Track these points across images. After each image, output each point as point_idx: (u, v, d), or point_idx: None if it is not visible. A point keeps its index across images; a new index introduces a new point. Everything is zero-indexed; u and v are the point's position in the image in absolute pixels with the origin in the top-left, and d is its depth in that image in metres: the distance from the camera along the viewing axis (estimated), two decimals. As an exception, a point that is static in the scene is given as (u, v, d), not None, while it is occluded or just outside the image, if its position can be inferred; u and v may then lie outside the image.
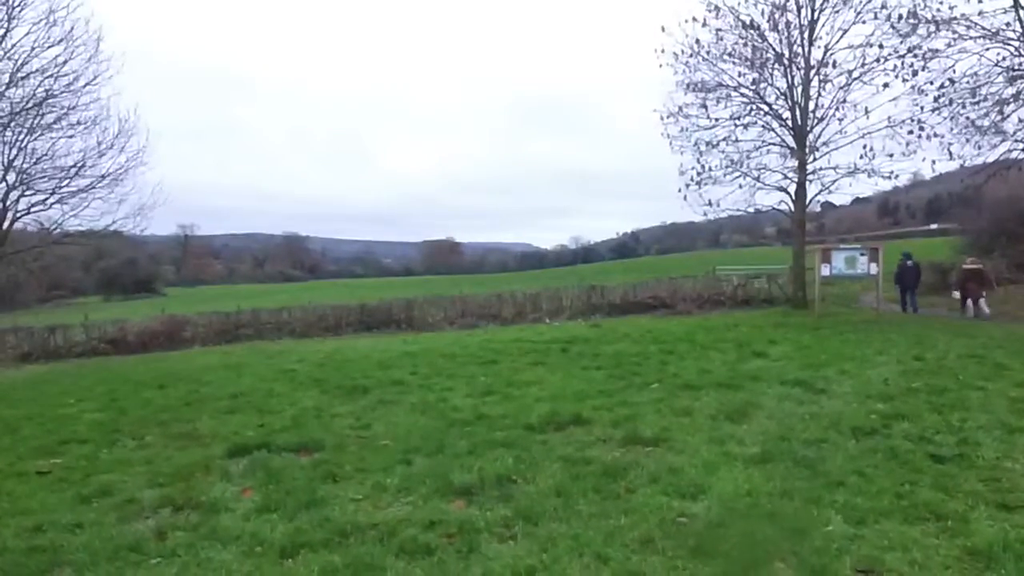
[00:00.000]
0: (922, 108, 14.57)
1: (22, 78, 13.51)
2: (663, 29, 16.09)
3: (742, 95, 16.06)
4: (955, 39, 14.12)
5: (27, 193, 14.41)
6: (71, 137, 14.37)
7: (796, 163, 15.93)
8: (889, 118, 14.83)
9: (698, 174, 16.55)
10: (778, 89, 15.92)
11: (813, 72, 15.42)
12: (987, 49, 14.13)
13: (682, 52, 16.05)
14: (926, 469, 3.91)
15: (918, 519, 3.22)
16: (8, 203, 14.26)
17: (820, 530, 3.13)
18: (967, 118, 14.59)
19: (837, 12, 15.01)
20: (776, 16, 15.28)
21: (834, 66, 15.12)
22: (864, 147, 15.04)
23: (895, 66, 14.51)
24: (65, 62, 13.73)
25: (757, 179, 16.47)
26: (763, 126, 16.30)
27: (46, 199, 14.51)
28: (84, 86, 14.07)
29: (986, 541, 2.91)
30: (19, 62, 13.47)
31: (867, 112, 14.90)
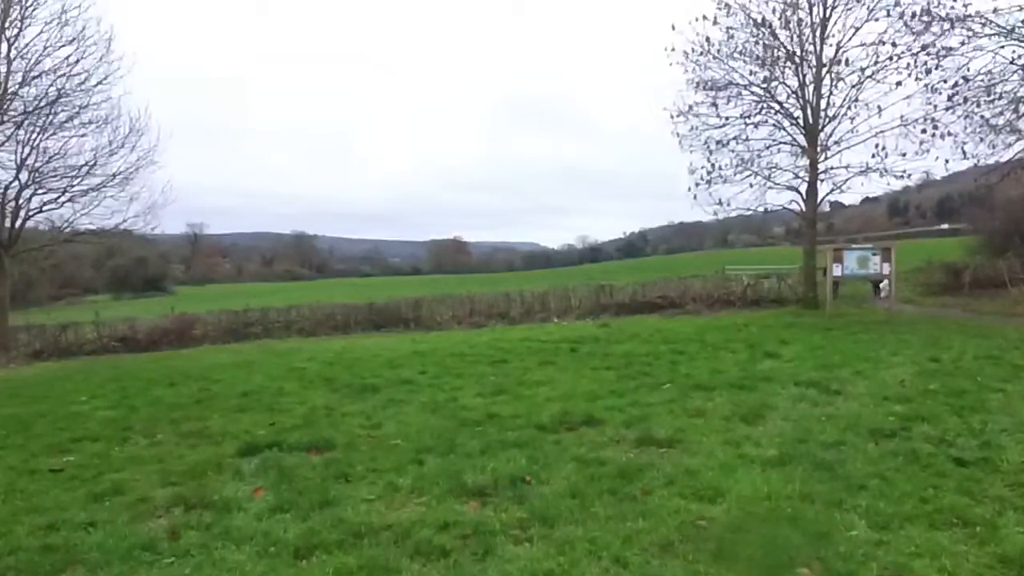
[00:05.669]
0: (936, 107, 14.41)
1: (35, 77, 13.65)
2: (673, 27, 16.01)
3: (753, 93, 15.95)
4: (969, 37, 13.96)
5: (39, 191, 14.59)
6: (83, 136, 14.54)
7: (807, 162, 15.79)
8: (902, 117, 14.67)
9: (708, 173, 16.47)
10: (789, 87, 15.80)
11: (825, 70, 15.27)
12: (1002, 47, 13.96)
13: (692, 50, 15.96)
14: (949, 473, 3.83)
15: (945, 525, 3.15)
16: (20, 201, 14.39)
17: (844, 535, 3.07)
18: (981, 117, 14.41)
19: (849, 10, 14.87)
20: (787, 14, 15.16)
21: (846, 64, 14.97)
22: (876, 146, 14.90)
23: (908, 64, 14.37)
24: (77, 61, 13.89)
25: (768, 178, 16.36)
26: (774, 125, 16.18)
27: (58, 197, 14.68)
28: (95, 85, 14.22)
29: (1017, 548, 2.83)
30: (32, 61, 13.60)
31: (880, 111, 14.75)
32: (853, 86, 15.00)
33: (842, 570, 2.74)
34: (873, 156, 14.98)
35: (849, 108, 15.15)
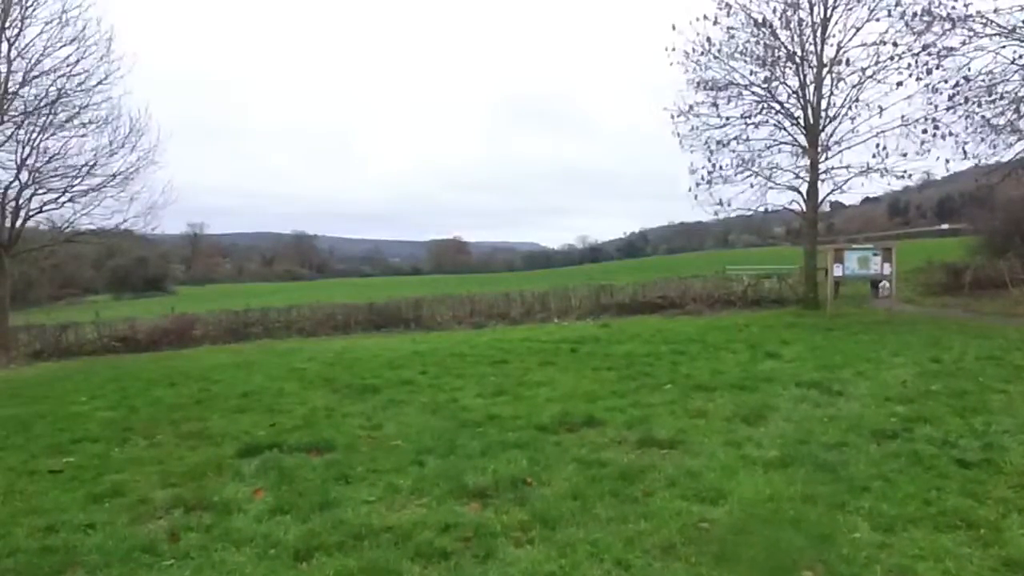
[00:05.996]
0: (936, 107, 14.39)
1: (35, 77, 13.63)
2: (674, 27, 15.99)
3: (753, 94, 15.92)
4: (970, 37, 13.93)
5: (39, 192, 14.56)
6: (83, 136, 14.51)
7: (808, 162, 15.78)
8: (903, 117, 14.65)
9: (709, 173, 16.45)
10: (790, 88, 15.77)
11: (826, 71, 15.24)
12: (1003, 47, 13.94)
13: (693, 50, 15.93)
14: (952, 474, 3.81)
15: (948, 527, 3.13)
16: (21, 201, 14.38)
17: (847, 537, 3.05)
18: (982, 117, 14.39)
19: (850, 10, 14.84)
20: (788, 14, 15.13)
21: (847, 64, 14.94)
22: (877, 146, 14.88)
23: (909, 64, 14.33)
24: (77, 61, 13.88)
25: (768, 178, 16.33)
26: (775, 125, 16.15)
27: (58, 198, 14.66)
28: (96, 85, 14.20)
29: (1022, 551, 2.81)
30: (32, 61, 13.58)
31: (880, 111, 14.73)
32: (854, 86, 14.99)
33: (845, 573, 2.73)
34: (874, 156, 14.97)
35: (850, 108, 15.14)
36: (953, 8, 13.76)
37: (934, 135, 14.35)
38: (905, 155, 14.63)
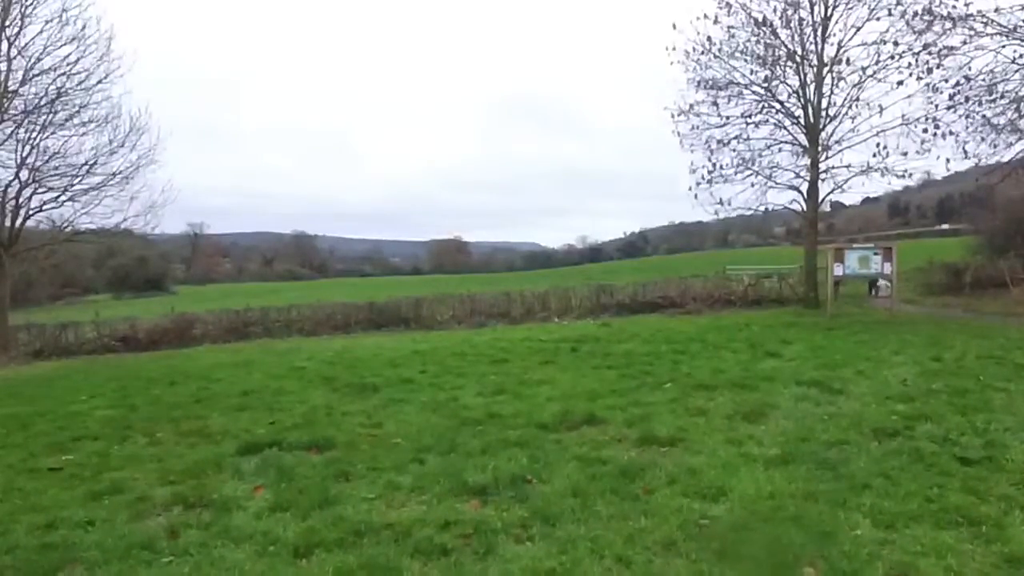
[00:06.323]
0: (937, 106, 14.40)
1: (35, 76, 13.63)
2: (674, 26, 16.02)
3: (754, 93, 15.95)
4: (971, 36, 13.93)
5: (39, 191, 14.57)
6: (83, 135, 14.51)
7: (808, 161, 15.78)
8: (903, 116, 14.66)
9: (709, 172, 16.47)
10: (790, 87, 15.80)
11: (826, 70, 15.26)
12: (1003, 46, 13.93)
13: (693, 49, 15.97)
14: (954, 472, 3.81)
15: (950, 524, 3.13)
16: (21, 200, 14.38)
17: (848, 534, 3.05)
18: (983, 116, 14.40)
19: (851, 9, 14.87)
20: (789, 13, 15.16)
21: (847, 63, 14.97)
22: (878, 145, 14.90)
23: (909, 63, 14.35)
24: (77, 60, 13.89)
25: (769, 178, 16.35)
26: (775, 124, 16.18)
27: (58, 197, 14.67)
28: (96, 84, 14.22)
29: (1023, 548, 2.81)
30: (32, 60, 13.59)
31: (881, 110, 14.76)
32: (854, 85, 15.01)
33: (847, 569, 2.72)
34: (874, 155, 14.99)
35: (850, 107, 15.17)
36: (954, 7, 13.78)
37: (934, 134, 14.37)
38: (905, 154, 14.66)
